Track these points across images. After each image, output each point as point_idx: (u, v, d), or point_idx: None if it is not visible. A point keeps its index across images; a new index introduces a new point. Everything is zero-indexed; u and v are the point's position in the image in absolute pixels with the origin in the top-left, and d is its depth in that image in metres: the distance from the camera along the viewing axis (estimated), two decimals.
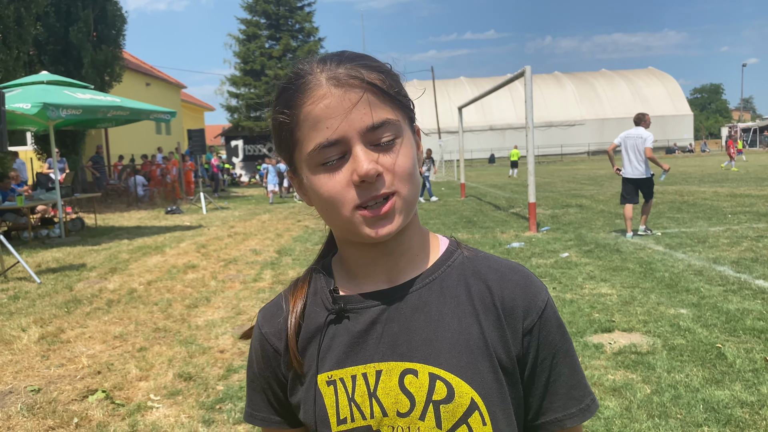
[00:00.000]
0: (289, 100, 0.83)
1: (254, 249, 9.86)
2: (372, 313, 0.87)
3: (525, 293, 0.88)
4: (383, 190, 0.80)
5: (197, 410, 3.72)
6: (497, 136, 57.22)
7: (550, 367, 0.88)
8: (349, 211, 0.81)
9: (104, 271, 8.29)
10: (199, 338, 5.17)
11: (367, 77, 0.80)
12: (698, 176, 23.27)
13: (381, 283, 0.89)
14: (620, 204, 9.62)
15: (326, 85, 0.80)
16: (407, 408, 0.82)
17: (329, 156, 0.80)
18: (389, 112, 0.81)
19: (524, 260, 7.86)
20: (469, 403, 0.82)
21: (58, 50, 19.10)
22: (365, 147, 0.79)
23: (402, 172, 0.81)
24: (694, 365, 4.06)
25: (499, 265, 0.92)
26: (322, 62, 0.83)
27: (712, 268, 6.92)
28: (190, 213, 16.97)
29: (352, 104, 0.79)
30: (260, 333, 0.95)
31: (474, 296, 0.87)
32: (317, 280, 0.95)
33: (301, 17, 35.54)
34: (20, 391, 4.14)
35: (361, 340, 0.86)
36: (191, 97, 45.10)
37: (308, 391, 0.88)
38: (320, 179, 0.82)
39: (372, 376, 0.85)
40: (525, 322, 0.86)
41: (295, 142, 0.84)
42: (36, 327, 5.63)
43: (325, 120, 0.79)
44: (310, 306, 0.92)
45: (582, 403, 0.89)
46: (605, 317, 5.19)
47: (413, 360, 0.84)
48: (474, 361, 0.83)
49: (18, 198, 11.24)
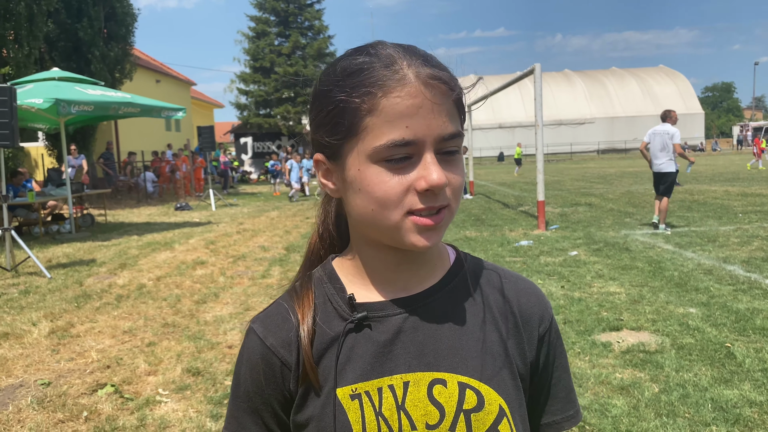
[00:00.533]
0: (369, 85, 0.76)
1: (263, 246, 9.90)
2: (395, 321, 0.84)
3: (539, 301, 0.91)
4: (442, 203, 0.78)
5: (205, 405, 3.74)
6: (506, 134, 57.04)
7: (553, 371, 0.92)
8: (401, 215, 0.77)
9: (114, 267, 8.34)
10: (207, 334, 5.19)
11: (454, 86, 0.79)
12: (709, 175, 23.11)
13: (398, 290, 0.86)
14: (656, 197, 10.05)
15: (415, 83, 0.76)
16: (437, 420, 0.80)
17: (396, 155, 0.76)
18: (460, 124, 0.80)
19: (533, 258, 7.84)
20: (498, 410, 0.81)
21: (69, 47, 19.20)
22: (434, 156, 0.77)
23: (458, 187, 0.80)
24: (703, 364, 4.04)
25: (509, 275, 0.93)
26: (407, 55, 0.78)
27: (722, 267, 6.87)
28: (200, 209, 17.04)
29: (438, 111, 0.76)
30: (263, 345, 0.86)
31: (492, 304, 0.88)
32: (322, 286, 0.90)
33: (310, 14, 35.52)
34: (30, 385, 4.18)
35: (387, 350, 0.83)
36: (201, 94, 45.26)
37: (326, 406, 0.82)
38: (379, 176, 0.77)
39: (399, 388, 0.81)
40: (540, 328, 0.89)
41: (360, 129, 0.77)
42: (46, 321, 5.68)
43: (406, 118, 0.75)
44: (322, 315, 0.86)
45: (575, 406, 0.94)
46: (614, 316, 5.17)
47: (441, 369, 0.82)
48: (497, 368, 0.84)
49: (29, 194, 11.32)
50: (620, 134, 57.78)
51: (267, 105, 35.17)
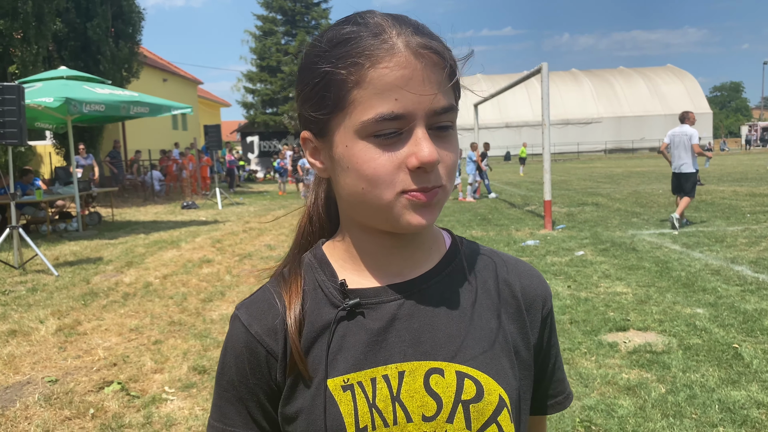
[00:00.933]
0: (355, 55, 0.72)
1: (269, 244, 9.91)
2: (390, 308, 0.80)
3: (540, 282, 0.89)
4: (435, 183, 0.74)
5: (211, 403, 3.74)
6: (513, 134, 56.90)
7: (553, 354, 0.91)
8: (394, 194, 0.73)
9: (121, 265, 8.37)
10: (213, 332, 5.20)
11: (447, 56, 0.74)
12: (717, 175, 22.99)
13: (392, 276, 0.82)
14: (673, 194, 10.40)
15: (405, 53, 0.71)
16: (434, 411, 0.76)
17: (385, 129, 0.72)
18: (453, 98, 0.75)
19: (539, 258, 7.82)
20: (497, 400, 0.78)
21: (77, 46, 19.28)
22: (425, 131, 0.73)
23: (451, 166, 0.76)
24: (710, 365, 4.02)
25: (507, 258, 0.90)
26: (396, 23, 0.73)
27: (729, 267, 6.84)
28: (206, 208, 17.09)
29: (429, 82, 0.72)
30: (247, 333, 0.82)
31: (491, 289, 0.85)
32: (312, 271, 0.85)
33: (317, 13, 35.55)
34: (38, 382, 4.20)
35: (381, 338, 0.78)
36: (208, 93, 45.39)
37: (316, 398, 0.77)
38: (368, 152, 0.72)
39: (394, 378, 0.77)
40: (543, 310, 0.87)
41: (347, 102, 0.73)
42: (53, 319, 5.71)
43: (396, 90, 0.70)
44: (311, 302, 0.82)
45: (567, 388, 0.95)
46: (620, 316, 5.15)
47: (438, 358, 0.78)
48: (496, 356, 0.80)
49: (36, 192, 11.38)
50: (627, 134, 57.57)
51: (273, 104, 35.22)
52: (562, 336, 4.68)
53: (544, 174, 10.77)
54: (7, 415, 3.68)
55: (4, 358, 4.69)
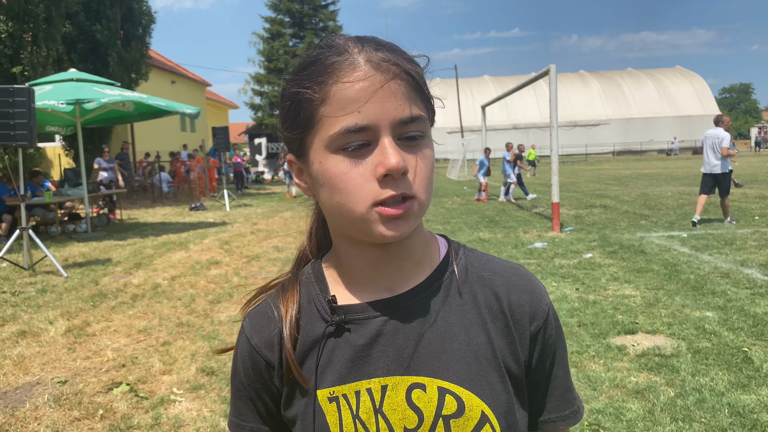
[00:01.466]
0: (319, 74, 0.76)
1: (276, 246, 9.93)
2: (375, 324, 0.82)
3: (531, 298, 0.86)
4: (404, 191, 0.74)
5: (219, 405, 3.76)
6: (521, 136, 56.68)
7: (550, 368, 0.88)
8: (365, 206, 0.75)
9: (129, 266, 8.41)
10: (221, 333, 5.22)
11: (406, 66, 0.76)
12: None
13: (382, 291, 0.84)
14: (699, 194, 10.73)
15: (365, 67, 0.74)
16: (415, 424, 0.79)
17: (353, 142, 0.74)
18: (421, 109, 0.77)
19: (547, 260, 7.80)
20: (479, 416, 0.79)
21: (87, 48, 19.39)
22: (392, 140, 0.74)
23: (424, 176, 0.77)
24: (720, 369, 4.00)
25: (503, 269, 0.88)
26: (359, 42, 0.77)
27: (739, 270, 6.80)
28: (214, 210, 17.14)
29: (391, 92, 0.74)
30: (249, 344, 0.88)
31: (480, 303, 0.85)
32: (309, 286, 0.88)
33: (325, 15, 35.62)
34: (47, 383, 4.22)
35: (365, 353, 0.82)
36: (215, 95, 45.53)
37: (307, 407, 0.82)
38: (339, 166, 0.75)
39: (377, 392, 0.80)
40: (532, 326, 0.85)
41: (315, 121, 0.76)
42: (63, 320, 5.74)
43: (358, 103, 0.73)
44: (305, 316, 0.86)
45: (574, 405, 0.90)
46: (629, 319, 5.13)
47: (420, 374, 0.80)
48: (482, 372, 0.81)
49: (46, 193, 11.45)
50: (636, 136, 57.30)
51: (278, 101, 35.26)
52: (570, 339, 4.67)
53: (552, 176, 10.75)
54: (17, 415, 3.70)
55: (14, 358, 4.72)
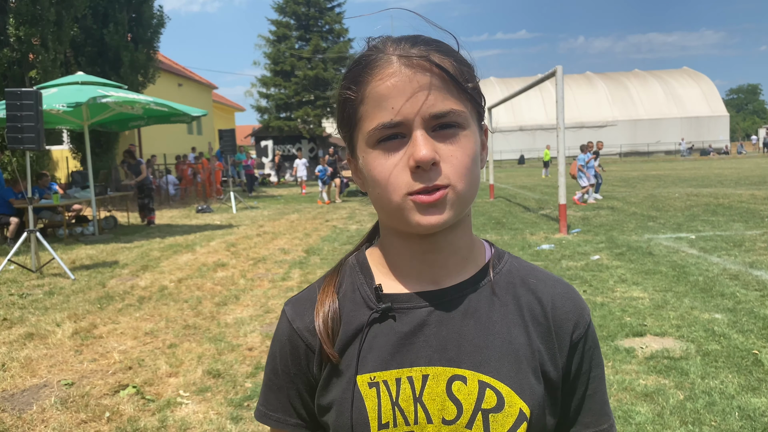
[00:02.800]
0: (357, 75, 0.81)
1: (283, 248, 9.93)
2: (420, 314, 0.84)
3: (575, 306, 0.88)
4: (437, 181, 0.77)
5: (225, 407, 3.75)
6: (527, 137, 56.71)
7: (588, 380, 0.88)
8: (401, 195, 0.77)
9: (136, 269, 8.43)
10: (228, 336, 5.22)
11: (440, 62, 0.78)
12: (734, 178, 22.73)
13: (426, 283, 0.86)
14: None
15: (396, 64, 0.77)
16: (454, 415, 0.79)
17: (388, 136, 0.78)
18: (456, 103, 0.78)
19: (554, 262, 7.77)
20: (518, 413, 0.80)
21: (94, 51, 19.49)
22: (426, 133, 0.77)
23: (459, 165, 0.78)
24: (729, 371, 3.96)
25: (546, 277, 0.90)
26: (397, 42, 0.80)
27: (748, 272, 6.75)
28: (220, 212, 17.17)
29: (420, 87, 0.76)
30: (291, 328, 0.89)
31: (523, 306, 0.86)
32: (353, 274, 0.91)
33: (330, 18, 35.67)
34: (54, 385, 4.23)
35: (408, 341, 0.83)
36: (222, 98, 45.65)
37: (345, 392, 0.83)
38: (376, 159, 0.79)
39: (418, 380, 0.81)
40: (574, 335, 0.87)
41: (357, 119, 0.81)
42: (70, 322, 5.75)
43: (391, 99, 0.77)
44: (349, 303, 0.88)
45: (610, 419, 0.91)
46: (637, 321, 5.10)
47: (462, 366, 0.81)
48: (522, 371, 0.82)
49: (54, 196, 11.50)
50: (643, 137, 57.12)
51: (287, 108, 35.35)
52: None
53: (559, 177, 10.71)
54: (24, 417, 3.70)
55: (21, 360, 4.73)
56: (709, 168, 31.90)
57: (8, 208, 11.27)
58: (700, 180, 22.58)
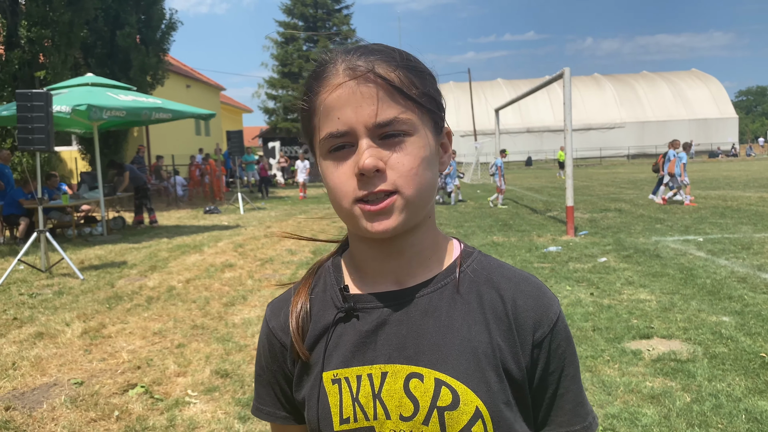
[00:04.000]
0: (309, 87, 0.84)
1: (290, 249, 9.96)
2: (381, 313, 0.87)
3: (537, 304, 0.87)
4: (382, 187, 0.79)
5: (233, 407, 3.78)
6: (534, 139, 56.56)
7: (558, 380, 0.87)
8: (349, 203, 0.81)
9: (144, 269, 8.48)
10: (235, 336, 5.24)
11: (384, 72, 0.79)
12: (743, 181, 22.61)
13: (390, 283, 0.88)
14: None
15: (342, 75, 0.80)
16: (411, 412, 0.82)
17: (338, 145, 0.81)
18: (401, 111, 0.79)
19: (561, 264, 7.76)
20: (473, 411, 0.81)
21: (104, 53, 19.59)
22: (372, 141, 0.79)
23: (406, 171, 0.79)
24: (737, 374, 3.95)
25: (513, 275, 0.90)
26: (346, 52, 0.83)
27: (756, 275, 6.72)
28: (228, 213, 17.23)
29: (363, 97, 0.78)
30: (267, 327, 0.95)
31: (485, 304, 0.86)
32: (327, 276, 0.94)
33: (338, 20, 35.76)
34: (64, 384, 4.27)
35: (369, 340, 0.86)
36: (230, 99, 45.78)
37: (313, 388, 0.87)
38: (328, 168, 0.82)
39: (377, 378, 0.84)
40: (536, 333, 0.85)
41: (312, 129, 0.85)
42: (79, 322, 5.79)
43: (337, 110, 0.79)
44: (320, 303, 0.91)
45: (585, 420, 0.89)
46: (644, 323, 5.09)
47: (420, 364, 0.83)
48: (481, 369, 0.82)
49: (63, 197, 11.58)
50: (651, 139, 56.82)
51: (295, 110, 35.36)
52: (585, 343, 4.64)
53: (567, 179, 10.70)
54: (35, 416, 3.74)
55: (31, 359, 4.77)
56: (717, 170, 31.73)
57: (18, 208, 11.36)
58: (709, 182, 22.47)
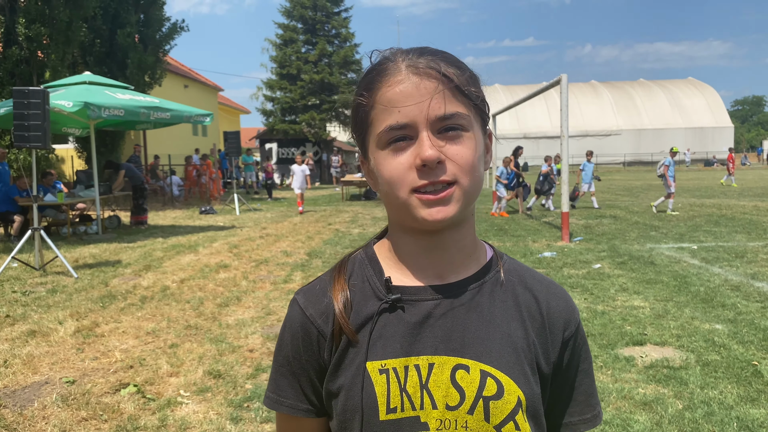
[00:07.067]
0: (369, 83, 0.87)
1: (285, 250, 9.95)
2: (427, 306, 0.89)
3: (567, 307, 0.96)
4: (443, 177, 0.82)
5: (225, 407, 3.77)
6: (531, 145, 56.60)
7: (575, 375, 0.96)
8: (407, 192, 0.84)
9: (139, 268, 8.45)
10: (229, 337, 5.23)
11: (444, 70, 0.84)
12: (738, 189, 22.70)
13: (432, 277, 0.91)
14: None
15: (405, 72, 0.84)
16: (457, 401, 0.85)
17: (397, 137, 0.84)
18: (460, 106, 0.84)
19: (556, 270, 7.77)
20: (516, 401, 0.85)
21: (102, 52, 19.56)
22: (432, 134, 0.83)
23: (464, 163, 0.84)
24: (729, 382, 3.97)
25: (542, 278, 0.98)
26: (405, 52, 0.87)
27: (749, 283, 6.74)
28: (224, 213, 17.20)
29: (427, 92, 0.82)
30: (303, 315, 0.94)
31: (521, 303, 0.93)
32: (363, 267, 0.96)
33: (337, 23, 35.78)
34: (56, 382, 4.25)
35: (416, 332, 0.88)
36: (228, 100, 45.78)
37: (356, 377, 0.88)
38: (385, 159, 0.85)
39: (425, 368, 0.87)
40: (566, 332, 0.94)
41: (369, 123, 0.88)
42: (72, 320, 5.77)
43: (398, 103, 0.83)
44: (359, 293, 0.93)
45: (594, 409, 0.98)
46: (637, 330, 5.10)
47: (465, 356, 0.87)
48: (520, 362, 0.88)
49: (58, 195, 11.54)
50: (647, 146, 57.03)
51: (293, 111, 35.41)
52: None
53: (562, 185, 10.72)
54: (25, 414, 3.73)
55: (23, 357, 4.75)
56: (712, 178, 31.85)
57: (13, 205, 11.32)
58: (704, 190, 22.56)
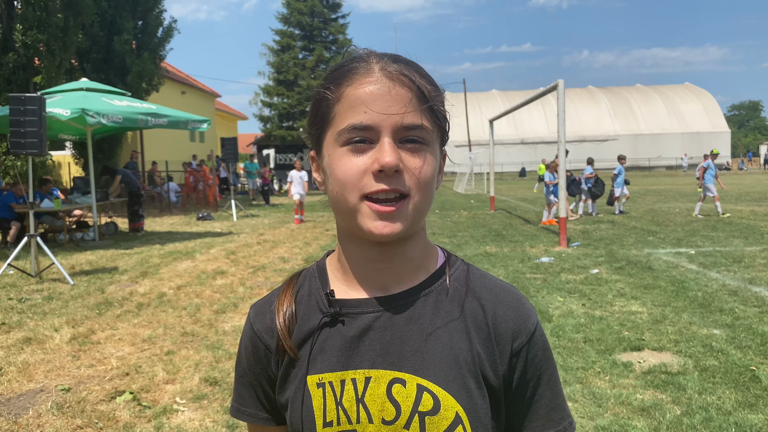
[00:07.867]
0: (338, 78, 0.85)
1: (282, 257, 9.93)
2: (366, 319, 0.88)
3: (517, 315, 0.89)
4: (397, 187, 0.80)
5: (221, 415, 3.75)
6: (528, 150, 56.77)
7: (533, 388, 0.90)
8: (357, 197, 0.81)
9: (135, 275, 8.43)
10: (225, 344, 5.21)
11: (418, 81, 0.82)
12: (735, 194, 22.75)
13: (376, 289, 0.89)
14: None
15: (378, 74, 0.82)
16: (393, 416, 0.83)
17: (357, 138, 0.81)
18: (426, 120, 0.83)
19: (553, 275, 7.77)
20: (454, 416, 0.82)
21: (99, 58, 19.57)
22: (393, 142, 0.80)
23: (422, 177, 0.82)
24: (727, 387, 3.96)
25: (493, 285, 0.92)
26: (380, 55, 0.85)
27: (747, 288, 6.74)
28: (221, 220, 17.18)
29: (398, 98, 0.81)
30: (252, 330, 0.95)
31: (467, 313, 0.88)
32: (311, 280, 0.95)
33: (334, 29, 35.85)
34: (51, 390, 4.22)
35: (354, 345, 0.87)
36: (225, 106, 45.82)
37: (297, 391, 0.88)
38: (341, 158, 0.82)
39: (361, 382, 0.85)
40: (514, 343, 0.88)
41: (330, 118, 0.85)
42: (68, 327, 5.75)
43: (366, 104, 0.81)
44: (305, 306, 0.92)
45: (559, 425, 0.91)
46: (635, 335, 5.09)
47: (402, 370, 0.85)
48: (461, 376, 0.84)
49: (55, 201, 11.52)
50: (644, 152, 57.14)
51: (290, 117, 35.43)
52: (576, 355, 4.64)
53: (560, 191, 10.73)
54: (20, 422, 3.70)
55: (18, 365, 4.72)
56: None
57: (9, 212, 11.29)
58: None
